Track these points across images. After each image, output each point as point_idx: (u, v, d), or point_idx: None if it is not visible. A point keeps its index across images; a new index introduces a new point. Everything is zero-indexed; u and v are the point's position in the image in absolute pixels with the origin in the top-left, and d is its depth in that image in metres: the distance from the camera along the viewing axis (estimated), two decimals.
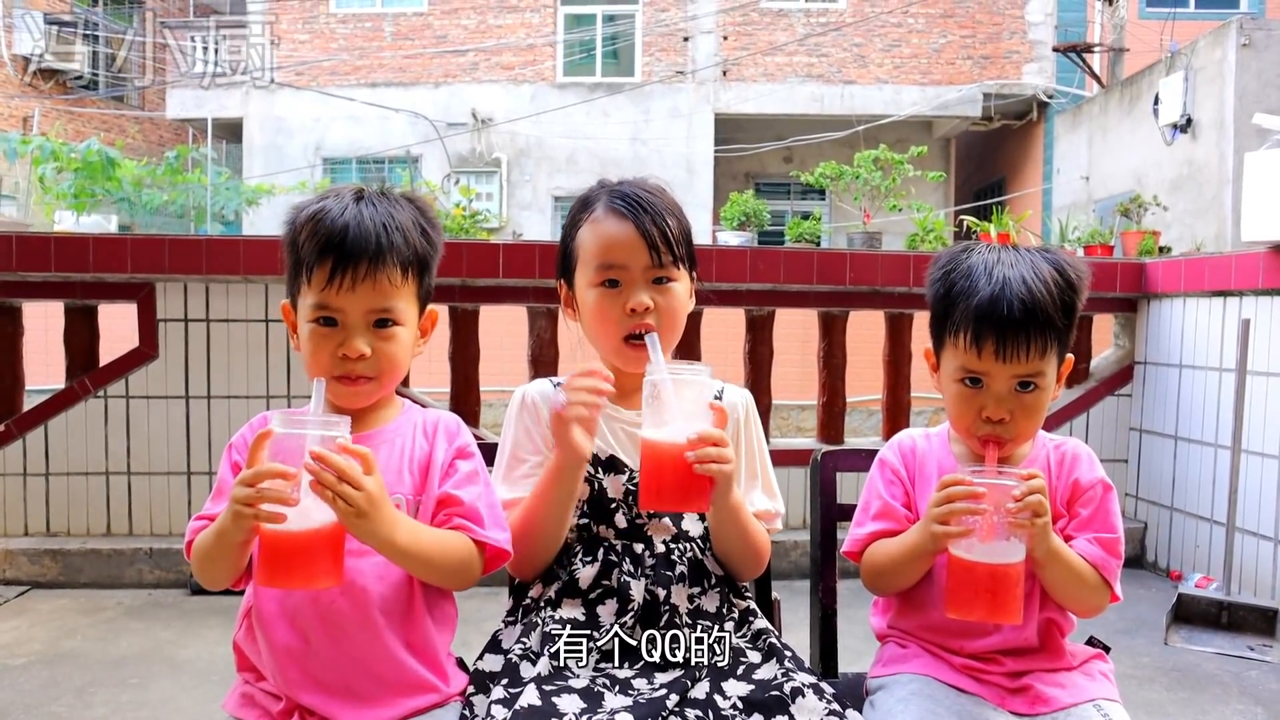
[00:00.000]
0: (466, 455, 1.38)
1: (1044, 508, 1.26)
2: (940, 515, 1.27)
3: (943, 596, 1.30)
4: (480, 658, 1.39)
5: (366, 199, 1.32)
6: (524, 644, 1.35)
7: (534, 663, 1.31)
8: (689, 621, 1.37)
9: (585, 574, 1.40)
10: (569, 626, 1.35)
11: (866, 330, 4.41)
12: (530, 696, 1.22)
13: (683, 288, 1.45)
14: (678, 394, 1.27)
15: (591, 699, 1.24)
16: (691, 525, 1.44)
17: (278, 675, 1.29)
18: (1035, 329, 1.33)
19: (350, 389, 1.31)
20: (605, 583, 1.39)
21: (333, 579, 1.16)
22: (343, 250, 1.26)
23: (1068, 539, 1.40)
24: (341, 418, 1.19)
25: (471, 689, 1.33)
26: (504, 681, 1.29)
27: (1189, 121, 9.68)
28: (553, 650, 1.31)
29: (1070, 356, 1.41)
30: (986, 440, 1.37)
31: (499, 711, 1.22)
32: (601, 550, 1.41)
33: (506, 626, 1.44)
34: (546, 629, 1.35)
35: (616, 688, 1.28)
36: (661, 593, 1.37)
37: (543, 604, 1.40)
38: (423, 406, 1.47)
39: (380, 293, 1.29)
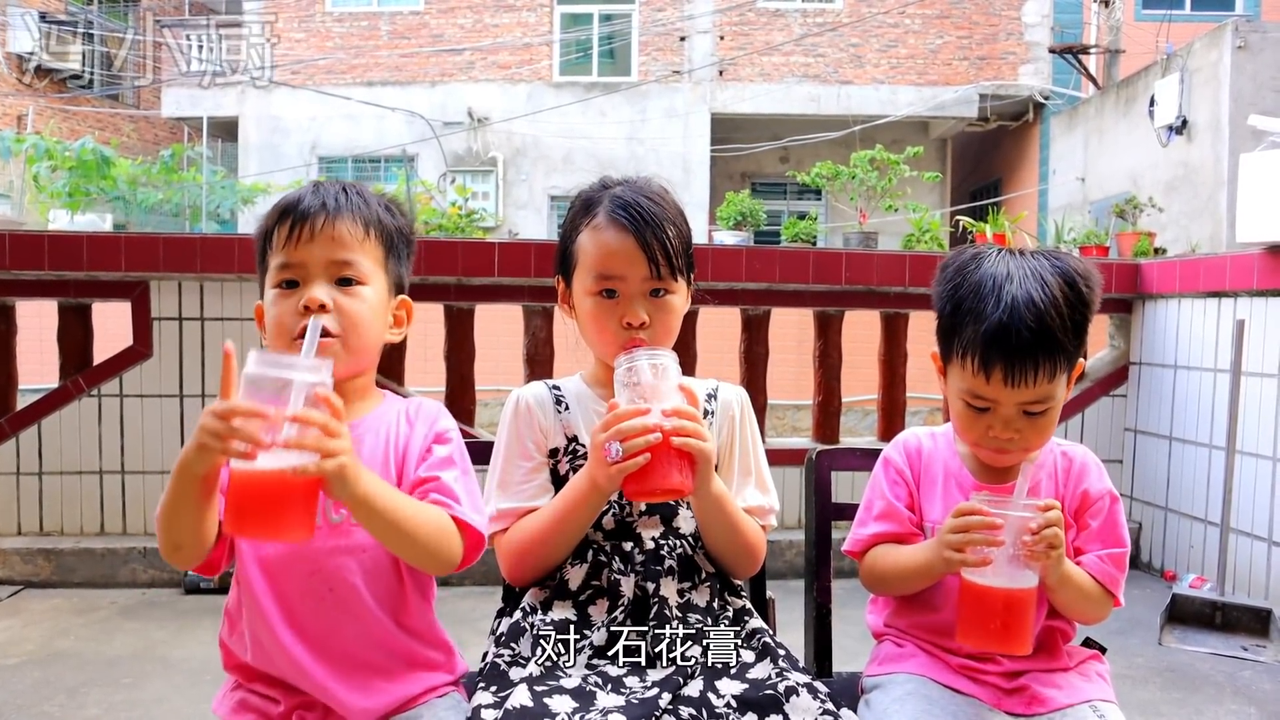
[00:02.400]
0: (444, 440, 1.35)
1: (1060, 539, 1.25)
2: (955, 543, 1.27)
3: (956, 625, 1.30)
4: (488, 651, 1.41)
5: (331, 181, 1.35)
6: (513, 648, 1.35)
7: (524, 666, 1.32)
8: (679, 615, 1.37)
9: (575, 575, 1.40)
10: (560, 628, 1.35)
11: (862, 330, 4.41)
12: (521, 697, 1.22)
13: (679, 299, 1.44)
14: (652, 377, 1.29)
15: (583, 698, 1.24)
16: (682, 522, 1.44)
17: (274, 666, 1.28)
18: (1044, 355, 1.29)
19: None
20: (595, 583, 1.40)
21: (305, 531, 1.10)
22: (299, 207, 1.27)
23: (1077, 551, 1.39)
24: (324, 360, 1.14)
25: (482, 681, 1.33)
26: (493, 687, 1.29)
27: (1184, 123, 9.69)
28: (544, 650, 1.32)
29: (1082, 361, 1.39)
30: (993, 450, 1.37)
31: (489, 715, 1.21)
32: (590, 551, 1.41)
33: (499, 618, 1.45)
34: (537, 632, 1.35)
35: (609, 686, 1.28)
36: (650, 586, 1.37)
37: (535, 608, 1.40)
38: (405, 397, 1.46)
39: (340, 244, 1.27)
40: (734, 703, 1.25)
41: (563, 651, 1.33)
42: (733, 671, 1.32)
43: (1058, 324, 1.30)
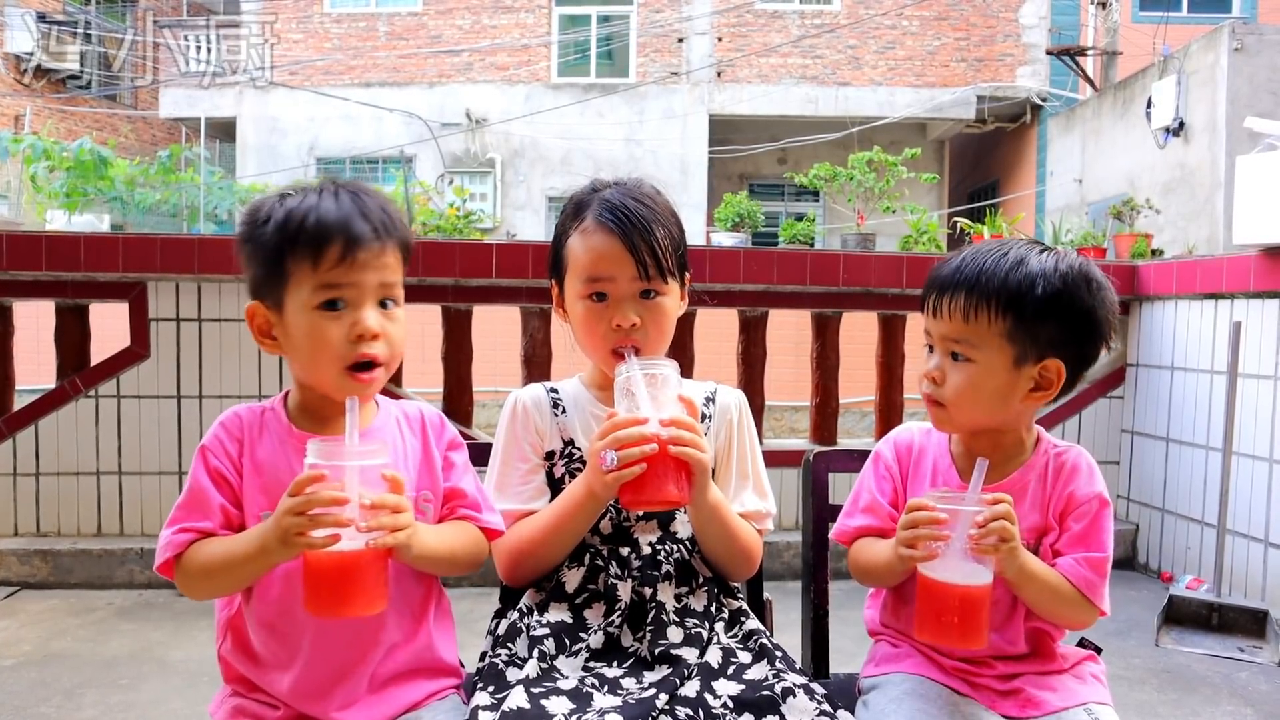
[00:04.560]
0: (457, 447, 1.43)
1: (1010, 533, 1.26)
2: (906, 539, 1.28)
3: (914, 619, 1.31)
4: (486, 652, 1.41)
5: (346, 189, 1.30)
6: (510, 649, 1.36)
7: (520, 667, 1.32)
8: (676, 620, 1.37)
9: (571, 578, 1.41)
10: (556, 631, 1.35)
11: (860, 332, 4.41)
12: (518, 699, 1.22)
13: (670, 300, 1.44)
14: (649, 388, 1.28)
15: (580, 699, 1.24)
16: (679, 527, 1.45)
17: (278, 685, 1.28)
18: (975, 293, 1.33)
19: (363, 382, 1.26)
20: (592, 586, 1.40)
21: (384, 602, 1.18)
22: (352, 229, 1.24)
23: (1056, 554, 1.38)
24: (377, 442, 1.22)
25: (480, 682, 1.34)
26: (490, 688, 1.29)
27: (1181, 125, 9.71)
28: (540, 651, 1.32)
29: (1055, 362, 1.35)
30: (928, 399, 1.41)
31: (486, 716, 1.22)
32: (587, 555, 1.41)
33: (497, 619, 1.46)
34: (533, 633, 1.35)
35: (605, 688, 1.28)
36: (648, 591, 1.38)
37: (532, 609, 1.41)
38: (393, 398, 1.46)
39: (387, 269, 1.27)
40: (731, 703, 1.25)
41: (559, 653, 1.33)
42: (729, 672, 1.32)
43: (1000, 275, 1.33)
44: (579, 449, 1.46)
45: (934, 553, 1.26)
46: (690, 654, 1.33)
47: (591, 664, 1.33)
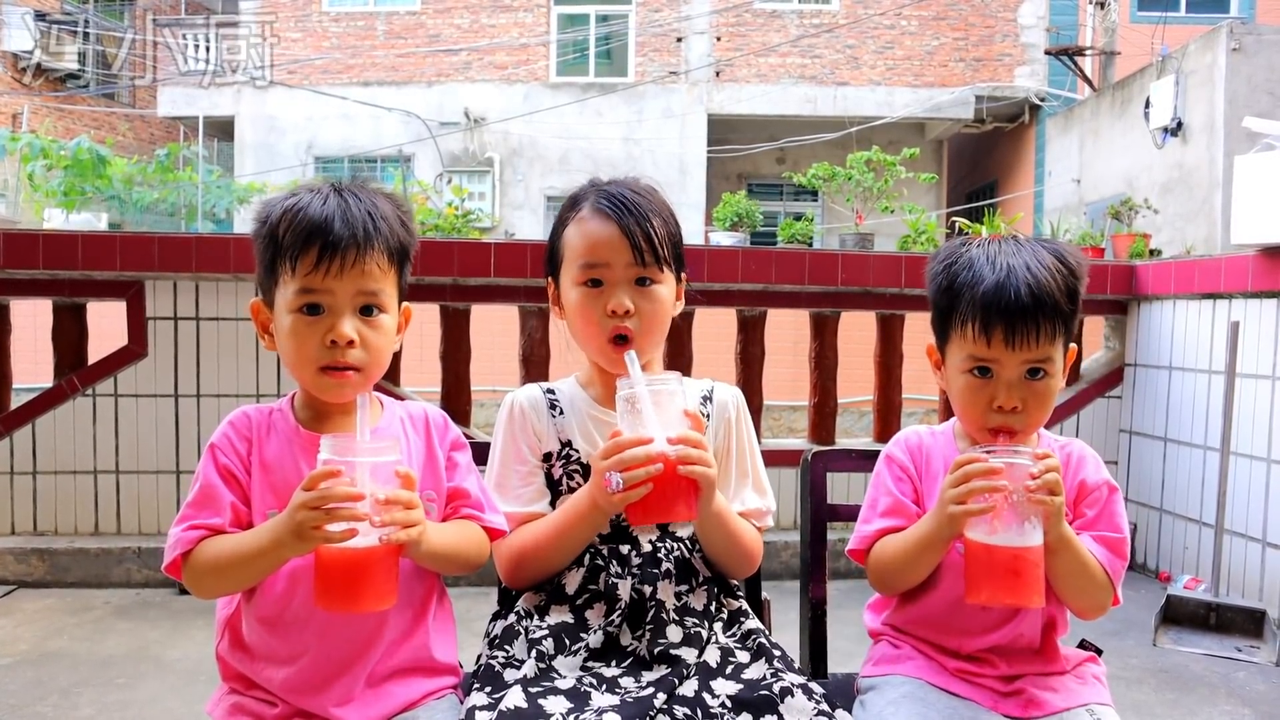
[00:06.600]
0: (460, 447, 1.43)
1: (1060, 486, 1.26)
2: (957, 495, 1.26)
3: (964, 584, 1.28)
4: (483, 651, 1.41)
5: (346, 190, 1.31)
6: (507, 650, 1.36)
7: (518, 668, 1.32)
8: (675, 618, 1.37)
9: (572, 579, 1.40)
10: (556, 632, 1.35)
11: (858, 331, 4.41)
12: (516, 698, 1.22)
13: (666, 290, 1.44)
14: (654, 405, 1.26)
15: (578, 699, 1.24)
16: (679, 526, 1.44)
17: (276, 681, 1.28)
18: (1043, 314, 1.33)
19: (337, 381, 1.27)
20: (592, 587, 1.40)
21: (394, 598, 1.19)
22: (330, 235, 1.25)
23: None
24: (389, 439, 1.22)
25: (477, 682, 1.34)
26: (487, 688, 1.29)
27: (1179, 125, 9.71)
28: (539, 651, 1.32)
29: (1074, 346, 1.41)
30: (997, 432, 1.36)
31: (484, 716, 1.21)
32: (588, 555, 1.41)
33: (494, 621, 1.45)
34: (531, 636, 1.35)
35: (604, 686, 1.28)
36: (648, 589, 1.37)
37: (530, 612, 1.40)
38: (396, 398, 1.46)
39: (369, 276, 1.28)
40: (729, 703, 1.25)
41: (557, 653, 1.33)
42: (728, 672, 1.32)
43: (1052, 285, 1.34)
44: (577, 450, 1.45)
45: (989, 507, 1.24)
46: (689, 653, 1.33)
47: (590, 663, 1.33)
